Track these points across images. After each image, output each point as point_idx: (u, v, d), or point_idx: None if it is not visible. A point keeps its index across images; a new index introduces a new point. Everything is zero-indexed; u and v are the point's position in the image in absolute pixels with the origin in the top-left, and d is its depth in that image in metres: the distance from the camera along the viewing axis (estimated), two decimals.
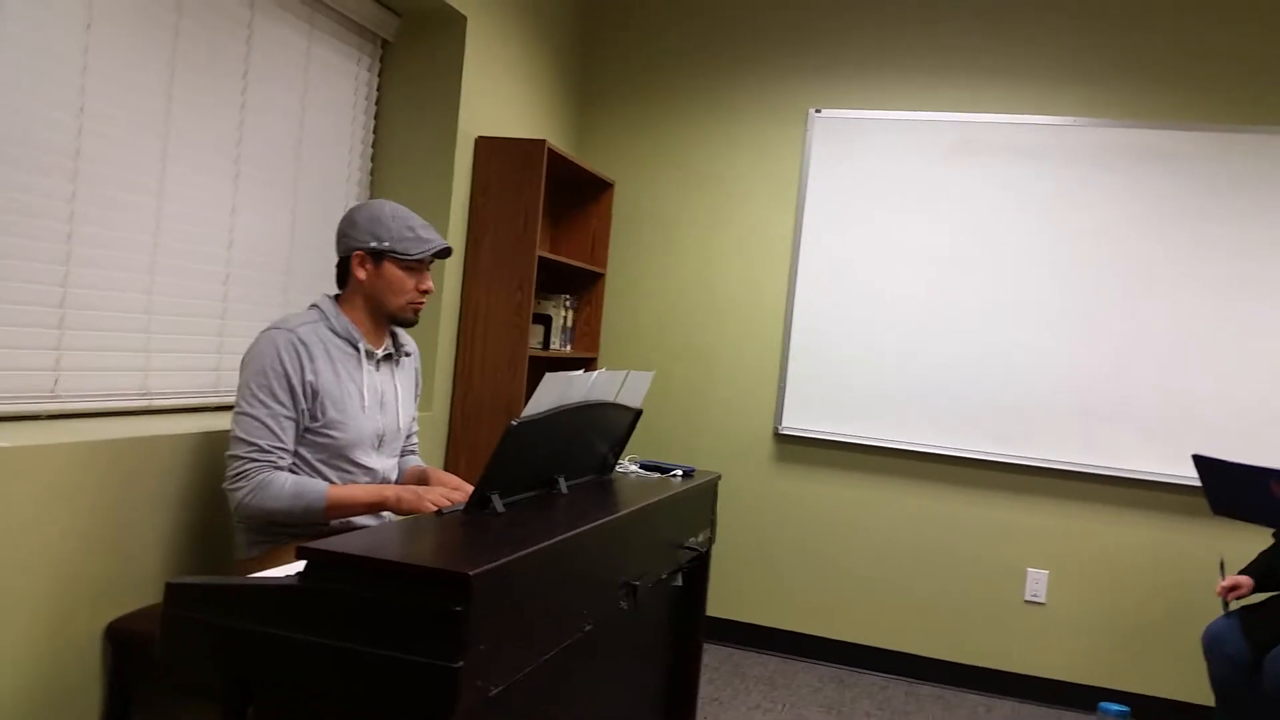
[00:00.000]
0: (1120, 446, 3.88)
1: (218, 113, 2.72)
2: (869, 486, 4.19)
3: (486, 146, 3.58)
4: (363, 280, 2.29)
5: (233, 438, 2.13)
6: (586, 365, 4.36)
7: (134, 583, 2.23)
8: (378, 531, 1.66)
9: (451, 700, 1.43)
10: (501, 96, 3.77)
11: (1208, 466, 2.92)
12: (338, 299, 2.34)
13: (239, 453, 2.11)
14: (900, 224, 4.12)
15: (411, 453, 2.56)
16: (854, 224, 4.17)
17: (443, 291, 3.47)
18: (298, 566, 1.54)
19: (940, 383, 4.07)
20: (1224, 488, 2.91)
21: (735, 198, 4.36)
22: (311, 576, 1.51)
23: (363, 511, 2.17)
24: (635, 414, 2.60)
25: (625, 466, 2.82)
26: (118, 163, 2.40)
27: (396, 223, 2.28)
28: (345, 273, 2.32)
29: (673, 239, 4.44)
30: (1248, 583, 3.06)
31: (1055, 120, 3.95)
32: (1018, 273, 3.99)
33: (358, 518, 2.24)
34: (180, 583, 1.58)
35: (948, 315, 4.06)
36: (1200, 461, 2.93)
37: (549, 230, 4.33)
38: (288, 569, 1.67)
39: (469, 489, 2.23)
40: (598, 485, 2.43)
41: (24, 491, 1.94)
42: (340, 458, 2.23)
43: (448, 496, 2.12)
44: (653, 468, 2.84)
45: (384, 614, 1.46)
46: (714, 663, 4.07)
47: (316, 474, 2.21)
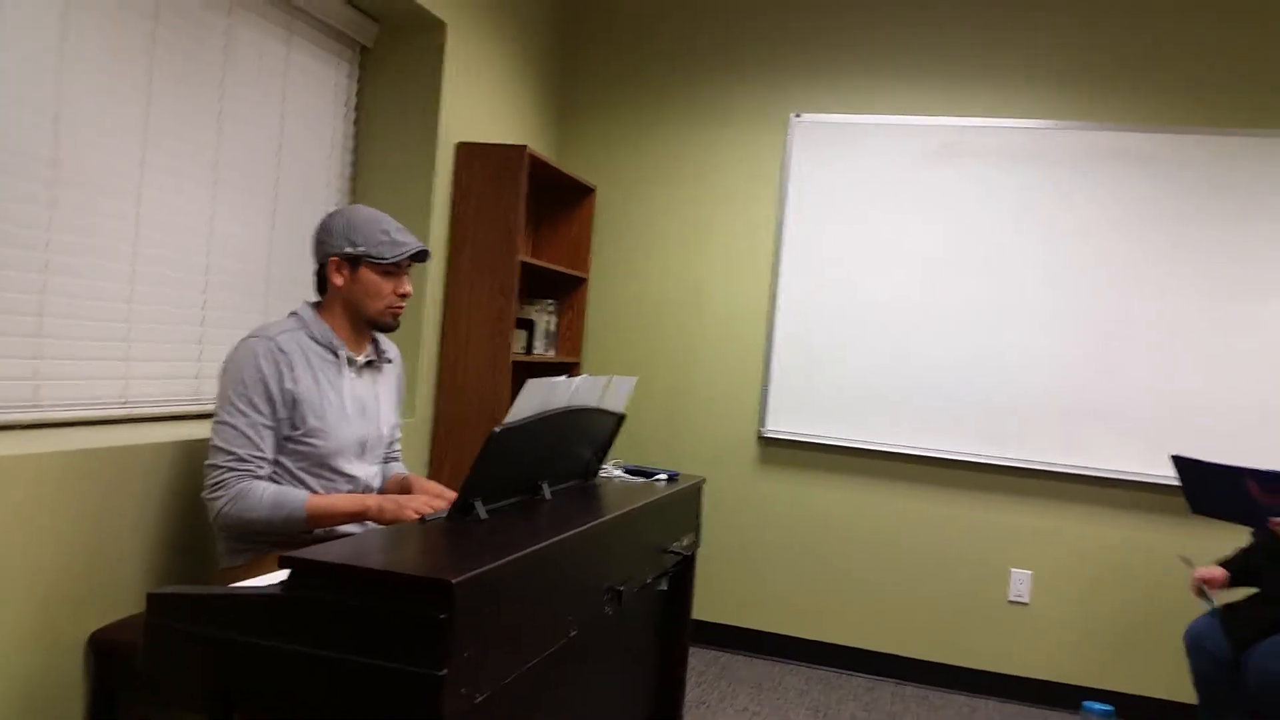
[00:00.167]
0: (1103, 447, 3.91)
1: (196, 120, 2.71)
2: (852, 489, 4.20)
3: (467, 152, 3.58)
4: (340, 286, 2.28)
5: (211, 447, 2.12)
6: (570, 370, 4.36)
7: (116, 592, 2.22)
8: (361, 540, 1.66)
9: (436, 708, 1.43)
10: (482, 102, 3.77)
11: (1186, 467, 2.95)
12: (317, 306, 2.33)
13: (217, 462, 2.10)
14: (882, 227, 4.14)
15: (395, 460, 2.55)
16: (836, 228, 4.19)
17: (425, 297, 3.46)
18: (280, 575, 1.54)
19: (923, 385, 4.08)
20: (1203, 488, 2.94)
21: (717, 202, 4.37)
22: (294, 585, 1.50)
23: (344, 521, 2.16)
24: (618, 419, 2.60)
25: (609, 471, 2.82)
26: (96, 170, 2.39)
27: (371, 227, 2.27)
28: (323, 280, 2.32)
29: (655, 243, 4.44)
30: (1222, 574, 3.08)
31: (1036, 124, 3.98)
32: (1000, 276, 4.01)
33: (340, 526, 2.23)
34: (162, 593, 1.57)
35: (929, 318, 4.08)
36: (1179, 462, 2.96)
37: (531, 235, 4.33)
38: (270, 578, 1.66)
39: (451, 497, 2.22)
40: (581, 490, 2.43)
41: (4, 501, 1.92)
42: (322, 466, 2.22)
43: (430, 504, 2.11)
44: (637, 472, 2.84)
45: (367, 622, 1.46)
46: (700, 666, 4.07)
47: (298, 483, 2.20)
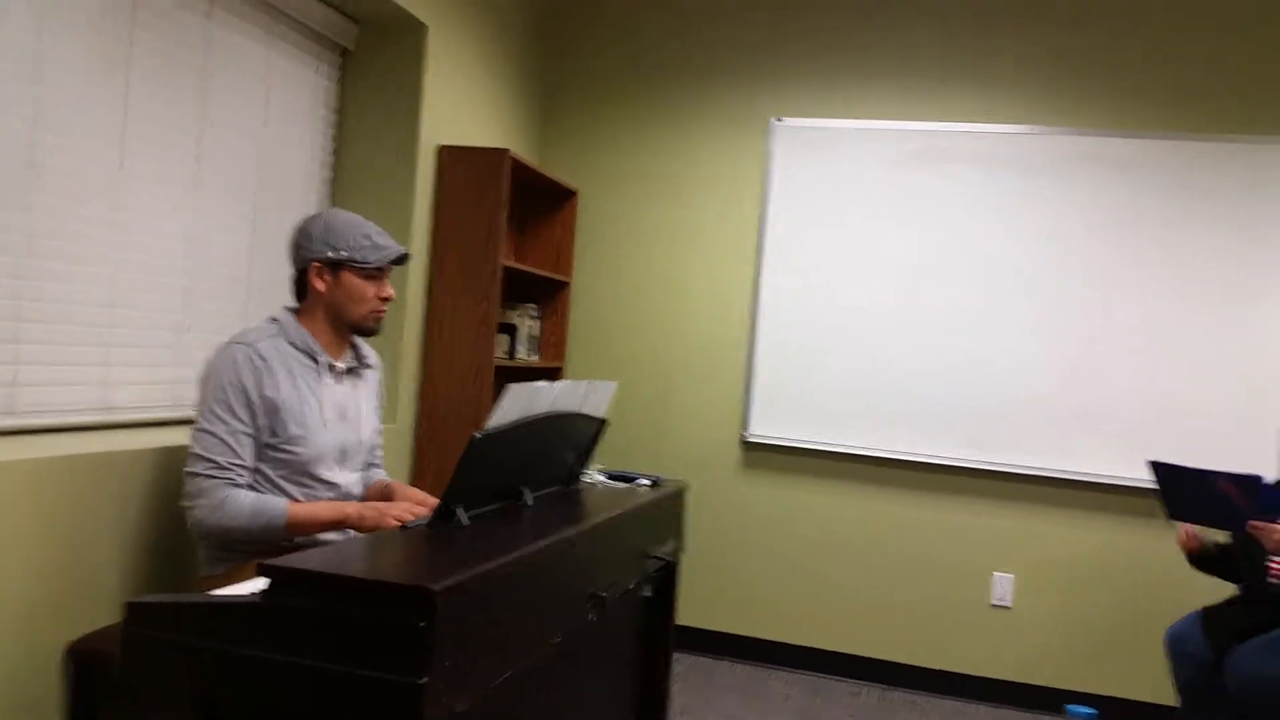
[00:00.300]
0: (1084, 450, 3.93)
1: (176, 123, 2.69)
2: (836, 493, 4.20)
3: (449, 156, 3.56)
4: (322, 292, 2.27)
5: (191, 454, 2.10)
6: (553, 375, 4.35)
7: (95, 601, 2.19)
8: (341, 547, 1.64)
9: (417, 717, 1.41)
10: (463, 105, 3.76)
11: (1164, 472, 2.96)
12: (296, 312, 2.31)
13: (197, 470, 2.08)
14: (864, 232, 4.15)
15: (376, 466, 2.53)
16: (818, 232, 4.19)
17: (407, 302, 3.45)
18: (260, 583, 1.52)
19: (905, 389, 4.09)
20: (1181, 493, 2.95)
21: (699, 206, 4.37)
22: (273, 593, 1.48)
23: (325, 529, 2.14)
24: (601, 424, 2.59)
25: (591, 477, 2.81)
26: (74, 173, 2.36)
27: (352, 231, 2.26)
28: (303, 285, 2.30)
29: (637, 247, 4.44)
30: (1195, 544, 3.11)
31: (1016, 129, 4.00)
32: (981, 280, 4.03)
33: (320, 534, 2.21)
34: (141, 601, 1.55)
35: (911, 322, 4.09)
36: (1156, 468, 2.97)
37: (513, 239, 4.31)
38: (250, 586, 1.65)
39: (433, 503, 2.21)
40: (564, 496, 2.42)
41: None
42: (302, 473, 2.20)
43: (411, 511, 2.10)
44: (619, 478, 2.83)
45: (347, 631, 1.44)
46: (685, 672, 4.06)
47: (279, 490, 2.18)
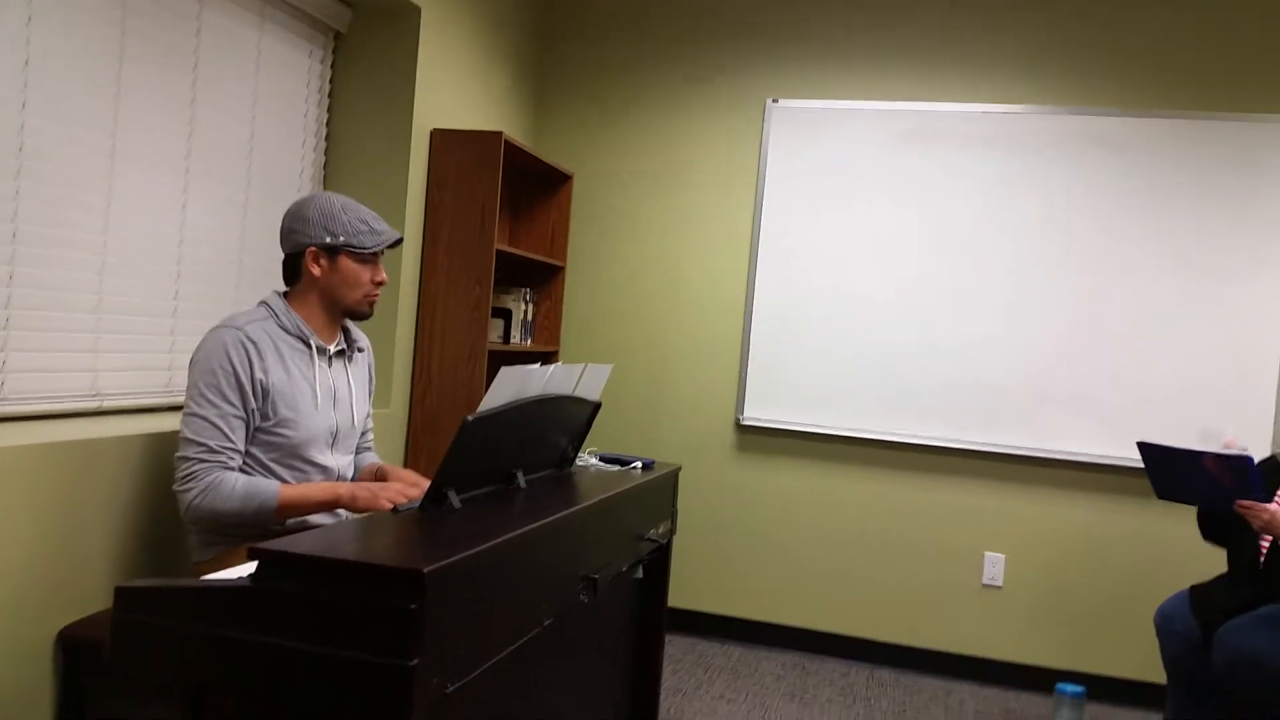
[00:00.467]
0: (1075, 431, 3.94)
1: (166, 108, 2.68)
2: (829, 475, 4.22)
3: (442, 139, 3.55)
4: (318, 276, 2.26)
5: (182, 439, 2.10)
6: (546, 359, 4.35)
7: (86, 588, 2.20)
8: (331, 530, 1.65)
9: (407, 698, 1.42)
10: (457, 88, 3.74)
11: (1151, 452, 2.97)
12: (287, 296, 2.31)
13: (188, 454, 2.09)
14: (858, 214, 4.14)
15: (367, 450, 2.54)
16: (813, 213, 4.19)
17: (400, 286, 3.44)
18: (251, 567, 1.53)
19: (899, 371, 4.10)
20: (1169, 473, 2.96)
21: (694, 188, 4.36)
22: (263, 577, 1.49)
23: (317, 510, 2.15)
24: (594, 407, 2.59)
25: (585, 460, 2.82)
26: (63, 160, 2.35)
27: (349, 215, 2.26)
28: (295, 269, 2.29)
29: (632, 231, 4.43)
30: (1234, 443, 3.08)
31: (1008, 108, 3.99)
32: (974, 260, 4.03)
33: (312, 517, 2.22)
34: (130, 586, 1.56)
35: (906, 303, 4.10)
36: (1144, 448, 2.98)
37: (507, 223, 4.31)
38: (240, 570, 1.65)
39: (426, 485, 2.21)
40: (556, 479, 2.43)
41: None
42: (294, 456, 2.20)
43: (404, 493, 2.10)
44: (612, 460, 2.84)
45: (337, 613, 1.45)
46: (677, 654, 4.08)
47: (270, 474, 2.18)
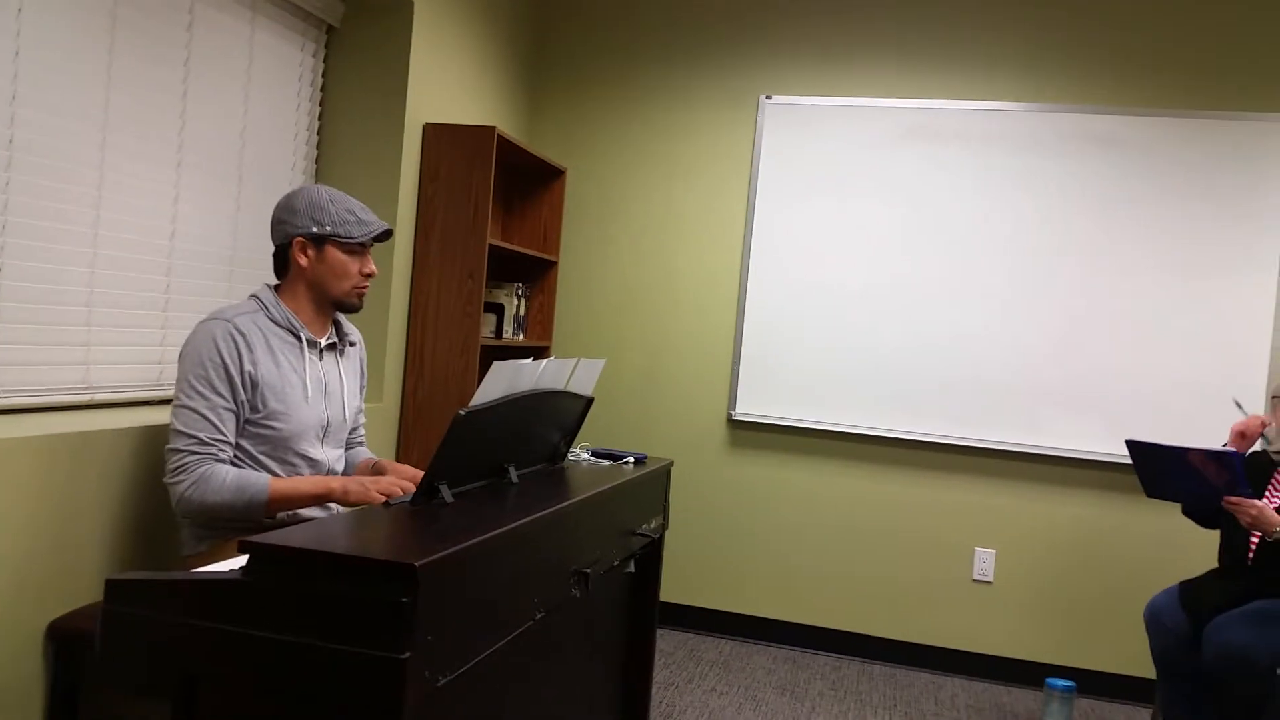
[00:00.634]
0: (1067, 427, 3.95)
1: (158, 100, 2.67)
2: (821, 470, 4.23)
3: (435, 134, 3.55)
4: (305, 267, 2.26)
5: (172, 431, 2.10)
6: (538, 354, 4.35)
7: (77, 580, 2.20)
8: (322, 524, 1.65)
9: (399, 692, 1.43)
10: (450, 83, 3.74)
11: (1140, 450, 2.98)
12: (277, 289, 2.31)
13: (179, 446, 2.08)
14: (851, 210, 4.15)
15: (359, 445, 2.54)
16: (806, 210, 4.20)
17: (392, 281, 3.44)
18: (243, 560, 1.53)
19: (892, 367, 4.11)
20: (1158, 470, 2.98)
21: (687, 184, 4.36)
22: (254, 570, 1.49)
23: (308, 503, 2.15)
24: (586, 402, 2.60)
25: (577, 455, 2.82)
26: (54, 152, 2.35)
27: (336, 206, 2.25)
28: (284, 261, 2.29)
29: (625, 226, 4.43)
30: (1258, 423, 3.05)
31: (1003, 106, 4.00)
32: (968, 257, 4.04)
33: (303, 510, 2.22)
34: (120, 579, 1.56)
35: (898, 300, 4.10)
36: (1133, 446, 2.99)
37: (500, 218, 4.30)
38: (232, 563, 1.65)
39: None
40: (549, 474, 2.43)
41: None
42: (284, 449, 2.20)
43: (398, 486, 2.10)
44: (605, 455, 2.84)
45: (328, 607, 1.45)
46: (669, 648, 4.09)
47: (259, 467, 2.18)
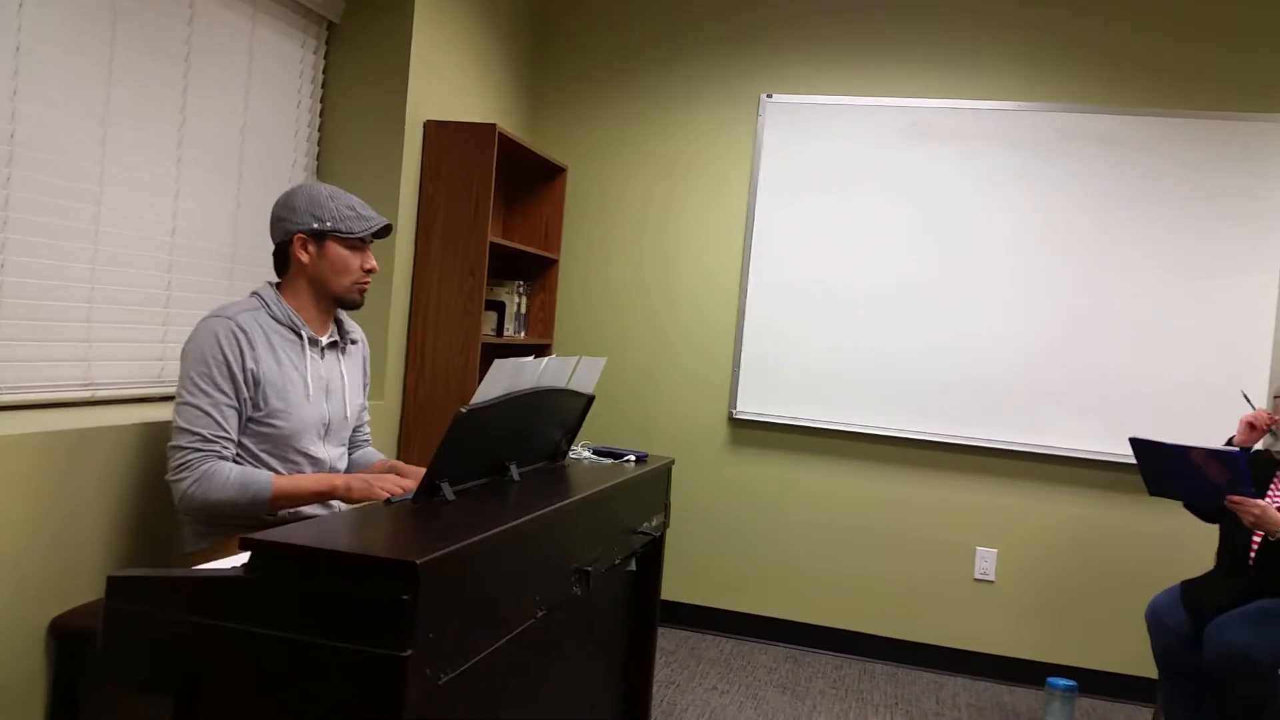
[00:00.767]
0: (1068, 426, 3.95)
1: (159, 96, 2.66)
2: (822, 469, 4.22)
3: (436, 131, 3.54)
4: (306, 263, 2.26)
5: (175, 428, 2.09)
6: (540, 351, 4.35)
7: (78, 578, 2.19)
8: (324, 521, 1.64)
9: (400, 689, 1.42)
10: (451, 80, 3.73)
11: (1143, 449, 2.98)
12: (279, 286, 2.30)
13: (182, 443, 2.08)
14: (852, 209, 4.14)
15: (365, 443, 2.53)
16: (806, 209, 4.19)
17: (393, 279, 3.43)
18: (244, 558, 1.52)
19: (892, 366, 4.10)
20: (1160, 469, 2.97)
21: (688, 182, 4.36)
22: (255, 567, 1.49)
23: (311, 501, 2.14)
24: (588, 400, 2.59)
25: (578, 453, 2.82)
26: (55, 148, 2.34)
27: (336, 202, 2.25)
28: (285, 259, 2.29)
29: (626, 224, 4.43)
30: (1264, 418, 3.04)
31: (1005, 105, 3.99)
32: (969, 256, 4.04)
33: (306, 507, 2.21)
34: (122, 576, 1.55)
35: (899, 298, 4.10)
36: (1136, 444, 2.99)
37: (501, 216, 4.30)
38: (234, 560, 1.65)
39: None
40: (550, 472, 2.43)
41: None
42: (285, 447, 2.20)
43: (400, 484, 2.09)
44: (606, 453, 2.84)
45: (330, 604, 1.45)
46: (670, 646, 4.09)
47: (261, 464, 2.17)
